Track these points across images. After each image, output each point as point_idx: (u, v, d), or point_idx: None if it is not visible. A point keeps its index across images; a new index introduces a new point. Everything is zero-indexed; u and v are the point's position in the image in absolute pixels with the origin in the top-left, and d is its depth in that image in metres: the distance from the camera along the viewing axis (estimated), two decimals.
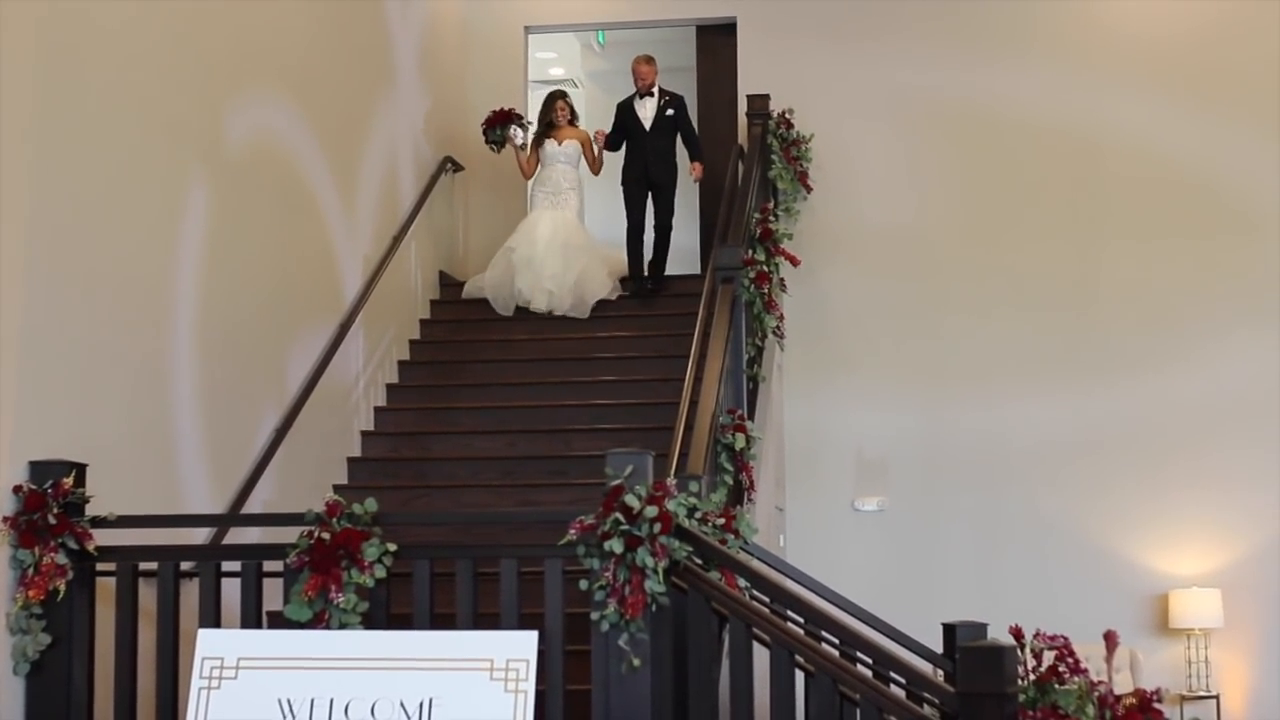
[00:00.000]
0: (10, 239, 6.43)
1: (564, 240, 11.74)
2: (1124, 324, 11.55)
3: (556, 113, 12.16)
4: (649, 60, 12.20)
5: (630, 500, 6.06)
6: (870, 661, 6.14)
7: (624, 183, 12.19)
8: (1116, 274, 11.63)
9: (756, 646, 6.04)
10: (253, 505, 8.37)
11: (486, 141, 12.36)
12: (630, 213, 12.09)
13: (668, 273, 12.14)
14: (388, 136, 11.33)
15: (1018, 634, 6.05)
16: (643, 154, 12.04)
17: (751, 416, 9.14)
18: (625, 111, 12.23)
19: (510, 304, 11.74)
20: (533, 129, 12.35)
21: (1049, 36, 12.01)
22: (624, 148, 12.24)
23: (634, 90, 12.18)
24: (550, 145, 12.09)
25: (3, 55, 6.42)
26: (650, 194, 12.02)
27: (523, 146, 12.26)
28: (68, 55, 6.87)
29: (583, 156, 12.20)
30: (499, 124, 12.29)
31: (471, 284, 12.10)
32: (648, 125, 12.04)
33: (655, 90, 12.07)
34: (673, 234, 12.13)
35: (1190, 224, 11.56)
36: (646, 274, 11.98)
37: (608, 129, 12.26)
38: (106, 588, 6.60)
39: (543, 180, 12.12)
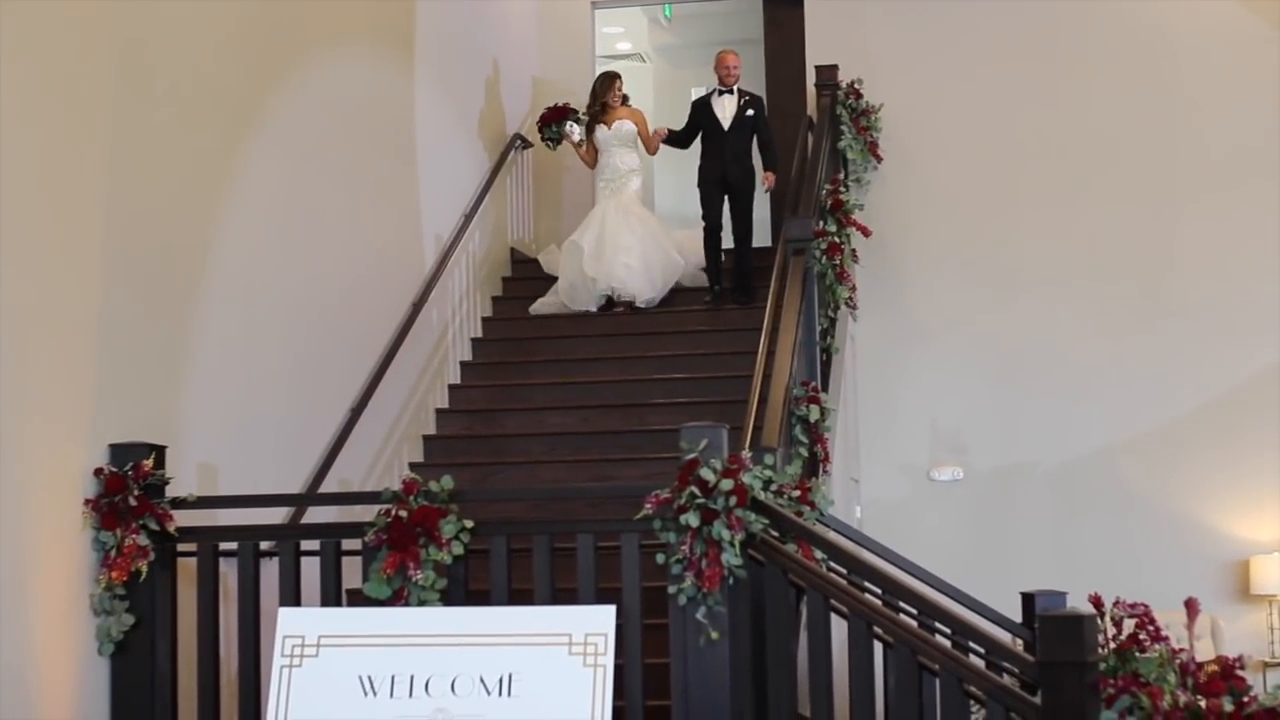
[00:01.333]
0: (88, 222, 6.49)
1: (624, 211, 11.55)
2: (1202, 290, 11.42)
3: (611, 94, 11.91)
4: (736, 53, 11.76)
5: (705, 474, 6.06)
6: (949, 632, 6.11)
7: (700, 184, 11.67)
8: (1195, 241, 11.50)
9: (834, 618, 6.03)
10: (329, 484, 8.43)
11: (543, 139, 12.27)
12: (707, 213, 11.56)
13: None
14: (458, 113, 11.36)
15: (1097, 602, 6.02)
16: (720, 155, 11.51)
17: (825, 388, 9.12)
18: (701, 110, 11.73)
19: (590, 296, 11.45)
20: (585, 121, 12.11)
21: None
22: (698, 147, 11.79)
23: (711, 86, 11.75)
24: (601, 131, 11.83)
25: (84, 46, 6.48)
26: (727, 198, 11.56)
27: (580, 143, 12.06)
28: (141, 44, 6.92)
29: (639, 136, 11.91)
30: (554, 121, 12.17)
31: (540, 302, 11.76)
32: (726, 124, 11.53)
33: (736, 88, 11.62)
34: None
35: (1272, 189, 11.41)
36: (728, 284, 11.48)
37: (673, 110, 12.06)
38: (188, 568, 6.67)
39: (602, 168, 11.88)
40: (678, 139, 11.99)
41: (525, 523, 7.09)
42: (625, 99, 12.01)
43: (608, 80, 11.99)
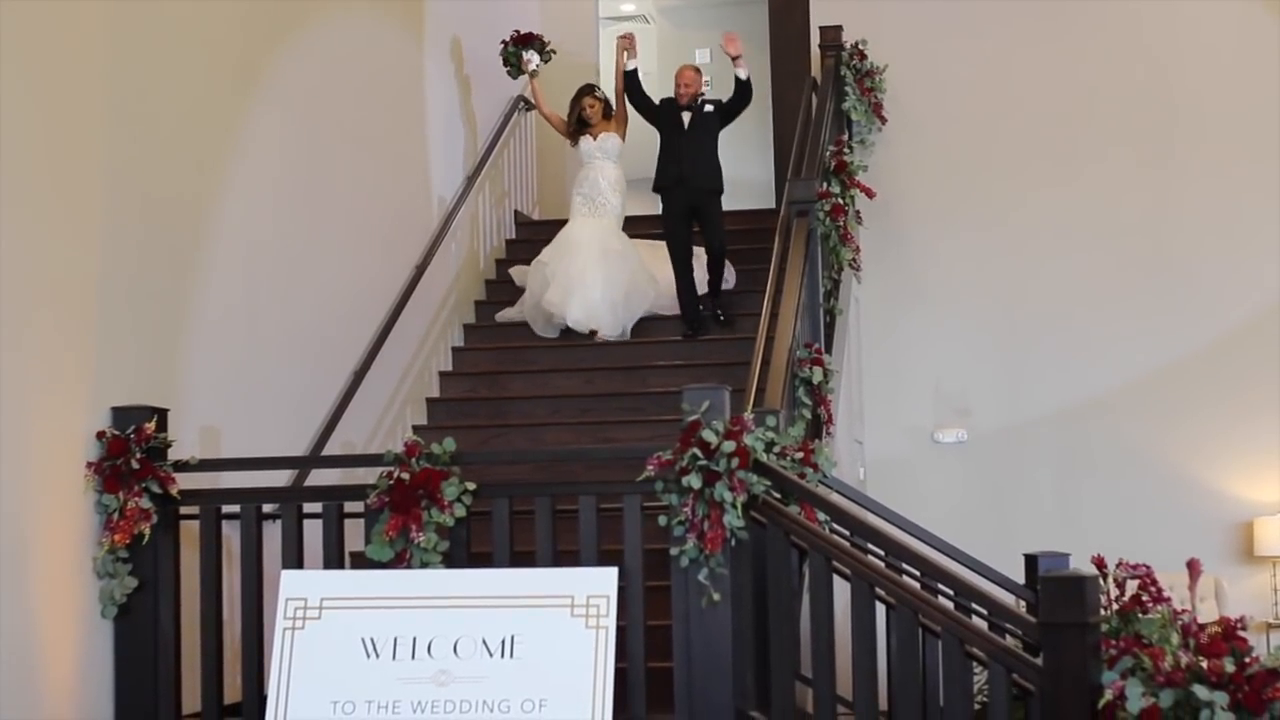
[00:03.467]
0: (89, 184, 6.48)
1: (602, 247, 10.62)
2: (1206, 251, 11.39)
3: (586, 110, 11.03)
4: (696, 69, 10.89)
5: (708, 435, 6.06)
6: (951, 593, 6.12)
7: (660, 192, 10.79)
8: (1198, 201, 11.46)
9: (837, 580, 6.04)
10: (332, 447, 8.43)
11: (505, 65, 11.39)
12: (672, 245, 10.60)
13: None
14: (459, 75, 11.32)
15: (1100, 564, 6.04)
16: (677, 155, 10.59)
17: (829, 350, 9.11)
18: (665, 106, 10.83)
19: (550, 324, 10.63)
20: (549, 59, 11.50)
21: None
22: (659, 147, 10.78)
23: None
24: (585, 142, 10.97)
25: (83, 8, 6.46)
26: (694, 214, 10.53)
27: (535, 72, 11.34)
28: (142, 5, 6.90)
29: (621, 148, 11.02)
30: (516, 45, 11.36)
31: (505, 312, 11.05)
32: (685, 123, 10.65)
33: (699, 99, 10.73)
34: (726, 253, 10.68)
35: (1273, 148, 11.38)
36: (703, 308, 10.56)
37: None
38: (190, 531, 6.68)
39: (581, 181, 10.98)
40: (640, 89, 10.93)
41: (527, 485, 7.10)
42: (607, 109, 11.10)
43: (580, 97, 11.12)
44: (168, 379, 6.99)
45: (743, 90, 10.69)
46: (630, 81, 10.92)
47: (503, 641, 5.76)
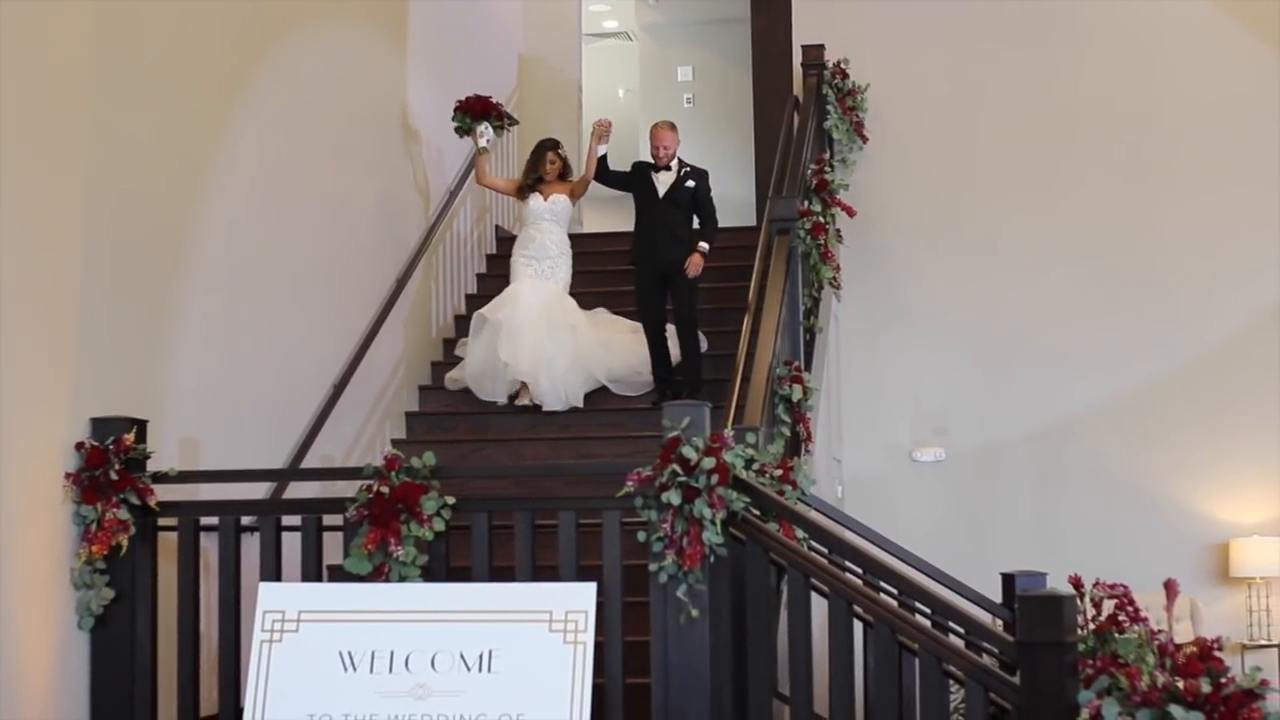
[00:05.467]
0: (70, 195, 6.47)
1: (549, 317, 9.99)
2: (1185, 272, 11.42)
3: (546, 166, 10.44)
4: (671, 126, 10.36)
5: (687, 452, 6.07)
6: (929, 611, 6.13)
7: (634, 264, 10.29)
8: (1178, 221, 11.49)
9: (815, 597, 6.05)
10: (311, 460, 8.43)
11: (454, 125, 10.70)
12: (643, 313, 10.11)
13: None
14: (444, 89, 11.33)
15: (1077, 583, 6.03)
16: (653, 228, 10.17)
17: (809, 368, 9.12)
18: (639, 173, 10.40)
19: (495, 388, 10.03)
20: (504, 133, 10.97)
21: None
22: (633, 218, 10.48)
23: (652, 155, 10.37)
24: (535, 201, 10.33)
25: (67, 18, 6.45)
26: (666, 283, 10.09)
27: (484, 150, 10.68)
28: (125, 16, 6.90)
29: (572, 211, 10.59)
30: (472, 113, 10.62)
31: (452, 375, 10.41)
32: (661, 192, 10.21)
33: (675, 163, 10.23)
34: (698, 325, 10.15)
35: (1253, 169, 11.41)
36: (680, 378, 10.00)
37: (659, 89, 10.98)
38: (168, 542, 6.66)
39: (525, 242, 10.32)
40: (607, 170, 10.49)
41: (507, 499, 7.11)
42: (564, 170, 10.56)
43: (541, 150, 10.56)
44: (147, 390, 6.98)
45: (711, 221, 10.22)
46: (600, 167, 10.43)
47: (480, 656, 5.75)
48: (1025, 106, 11.79)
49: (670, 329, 10.09)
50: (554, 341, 9.93)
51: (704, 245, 10.01)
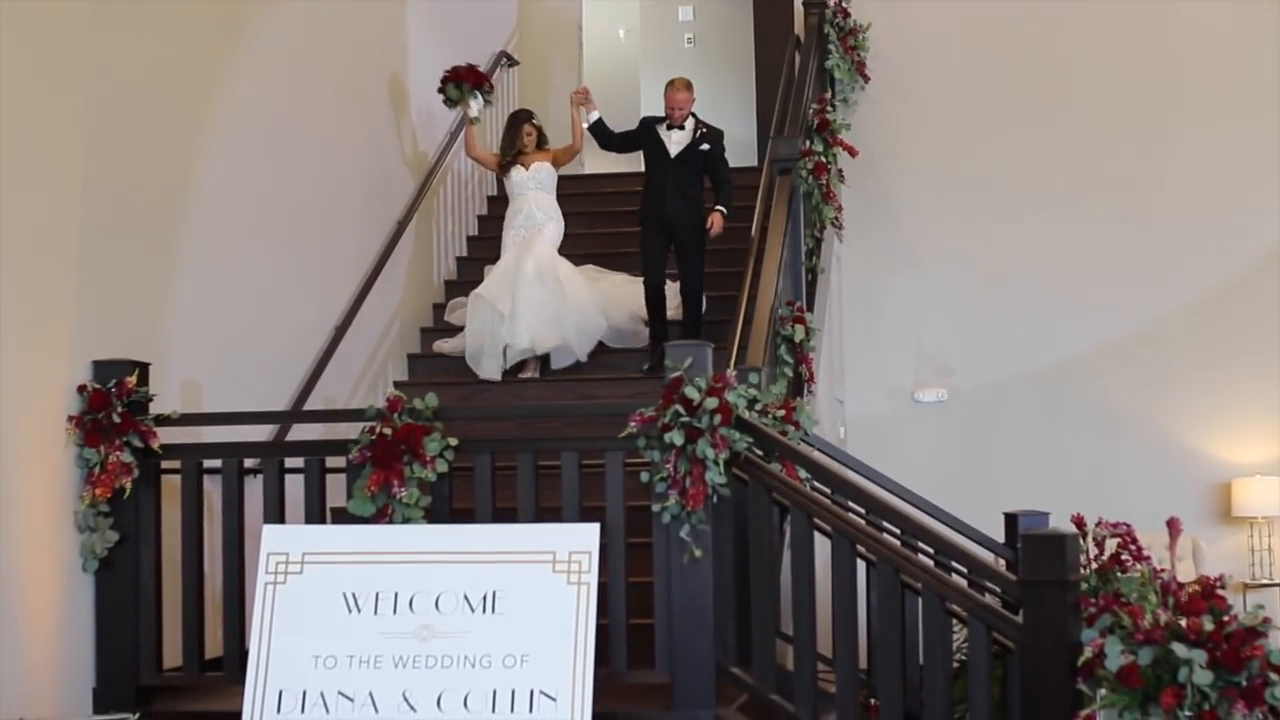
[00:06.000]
0: (69, 138, 6.44)
1: (541, 280, 9.64)
2: (1188, 212, 11.40)
3: (523, 137, 10.10)
4: (687, 86, 9.98)
5: (690, 392, 6.06)
6: (931, 551, 6.14)
7: (641, 222, 9.96)
8: (1183, 161, 11.46)
9: (818, 537, 6.05)
10: (314, 402, 8.42)
11: (442, 95, 10.27)
12: (646, 268, 9.79)
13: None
14: (444, 29, 11.27)
15: (1080, 522, 6.05)
16: (663, 189, 9.81)
17: (811, 308, 9.10)
18: (647, 131, 10.06)
19: (492, 364, 9.56)
20: (491, 104, 10.63)
21: None
22: (642, 178, 10.11)
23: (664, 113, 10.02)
24: (518, 173, 10.01)
25: None
26: (672, 244, 9.83)
27: (475, 119, 10.34)
28: None
29: (556, 176, 10.14)
30: (460, 82, 10.21)
31: (443, 348, 10.05)
32: (673, 152, 9.85)
33: (690, 122, 9.93)
34: (704, 276, 9.83)
35: (1255, 106, 11.37)
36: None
37: (661, 35, 10.47)
38: (172, 485, 6.67)
39: (513, 214, 10.00)
40: (606, 133, 10.23)
41: (509, 441, 7.09)
42: (541, 140, 10.21)
43: (516, 122, 10.25)
44: (149, 333, 6.97)
45: (726, 184, 9.86)
46: (598, 133, 10.21)
47: (484, 597, 5.76)
48: (1027, 46, 11.74)
49: (671, 287, 9.86)
50: (551, 303, 9.60)
51: (718, 216, 9.69)
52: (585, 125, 10.22)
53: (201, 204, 7.51)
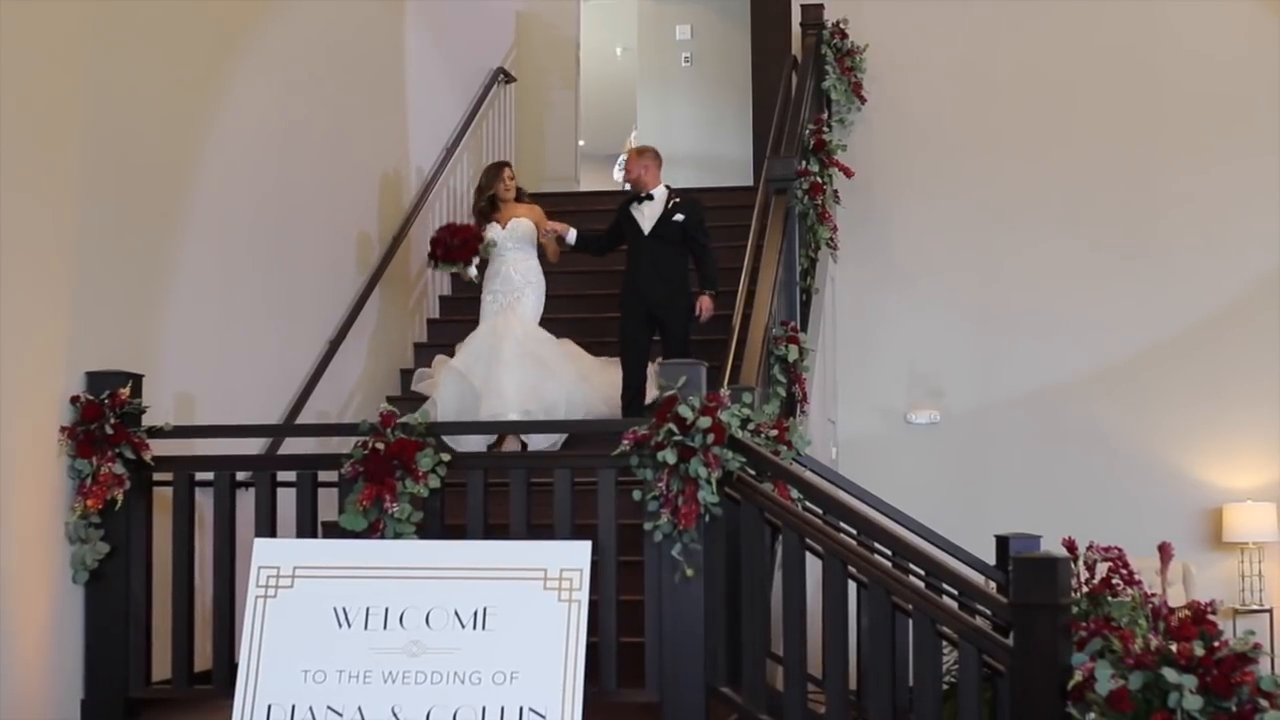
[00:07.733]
0: (67, 146, 6.45)
1: (523, 360, 9.06)
2: (1182, 237, 11.41)
3: (505, 182, 9.50)
4: (639, 152, 9.60)
5: (684, 411, 6.06)
6: (923, 573, 6.14)
7: (620, 307, 9.46)
8: (1175, 186, 11.47)
9: (809, 557, 6.05)
10: (307, 416, 8.43)
11: (433, 263, 9.51)
12: (624, 356, 9.21)
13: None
14: (442, 45, 11.29)
15: (1071, 546, 6.05)
16: (638, 269, 9.34)
17: (804, 328, 9.11)
18: (621, 211, 9.55)
19: (471, 439, 8.69)
20: (488, 257, 9.48)
21: None
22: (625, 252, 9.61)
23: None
24: (494, 231, 9.41)
25: None
26: (653, 323, 9.27)
27: (473, 280, 9.62)
28: None
29: (534, 233, 9.47)
30: (454, 262, 9.40)
31: (420, 382, 9.59)
32: (645, 229, 9.34)
33: (661, 192, 9.41)
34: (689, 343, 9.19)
35: (1251, 136, 11.39)
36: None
37: (659, 52, 10.02)
38: (163, 497, 6.66)
39: (490, 277, 9.43)
40: (592, 242, 9.75)
41: (502, 456, 7.09)
42: (520, 193, 9.62)
43: (495, 170, 9.61)
44: (143, 344, 6.97)
45: (708, 256, 9.32)
46: (584, 246, 9.73)
47: (475, 613, 5.75)
48: (1024, 69, 11.75)
49: (651, 369, 8.93)
50: (537, 387, 9.03)
51: (707, 300, 9.17)
52: (570, 246, 9.69)
53: (197, 217, 7.52)
